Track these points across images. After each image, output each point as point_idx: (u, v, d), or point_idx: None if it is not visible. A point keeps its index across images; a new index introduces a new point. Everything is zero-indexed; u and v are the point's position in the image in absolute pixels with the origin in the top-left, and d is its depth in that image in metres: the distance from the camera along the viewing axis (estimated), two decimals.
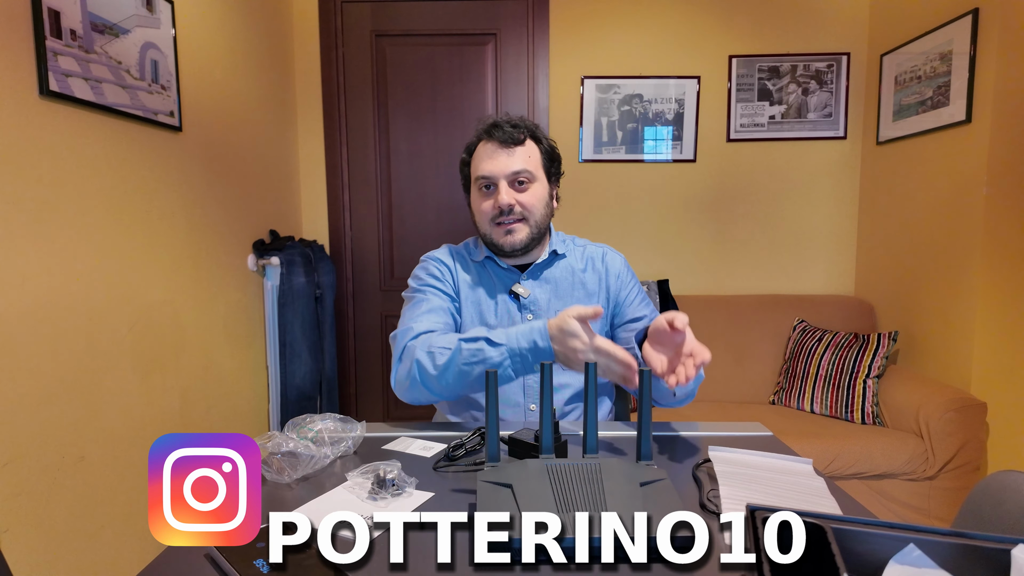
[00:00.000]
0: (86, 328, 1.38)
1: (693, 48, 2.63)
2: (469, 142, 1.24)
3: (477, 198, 1.20)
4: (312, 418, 0.95)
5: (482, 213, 1.19)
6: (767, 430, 1.08)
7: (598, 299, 1.23)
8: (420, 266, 1.27)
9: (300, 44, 2.65)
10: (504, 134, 1.16)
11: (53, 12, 1.27)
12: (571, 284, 1.23)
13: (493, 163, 1.16)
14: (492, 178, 1.17)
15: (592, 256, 1.28)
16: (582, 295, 1.23)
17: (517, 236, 1.17)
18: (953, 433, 1.90)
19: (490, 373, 0.78)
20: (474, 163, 1.20)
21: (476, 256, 1.26)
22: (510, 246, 1.18)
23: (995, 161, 1.92)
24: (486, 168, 1.17)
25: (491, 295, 1.22)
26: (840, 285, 2.71)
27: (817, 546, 0.54)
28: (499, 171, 1.16)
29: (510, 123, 1.18)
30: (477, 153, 1.20)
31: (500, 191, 1.16)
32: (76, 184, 1.36)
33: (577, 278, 1.24)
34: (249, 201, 2.18)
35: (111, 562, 1.45)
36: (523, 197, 1.17)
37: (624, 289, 1.25)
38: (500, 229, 1.17)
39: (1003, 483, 0.79)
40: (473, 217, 1.23)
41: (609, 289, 1.25)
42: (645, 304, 1.26)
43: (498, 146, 1.17)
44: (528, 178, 1.18)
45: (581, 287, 1.23)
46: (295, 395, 2.29)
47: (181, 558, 0.66)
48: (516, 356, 1.01)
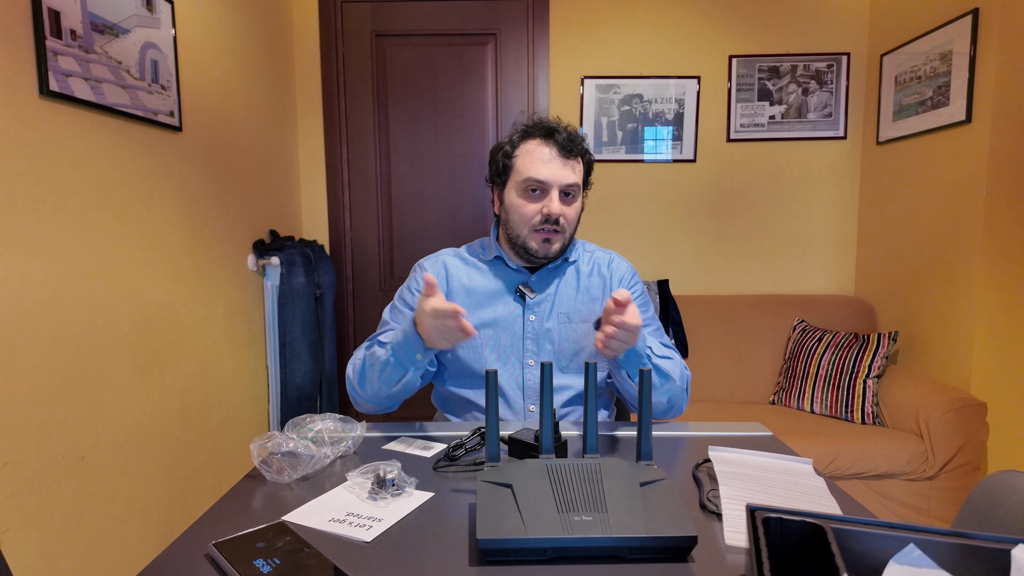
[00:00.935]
0: (86, 328, 1.38)
1: (693, 48, 2.63)
2: (510, 137, 1.20)
3: (520, 199, 1.16)
4: (312, 418, 0.95)
5: (524, 216, 1.16)
6: (767, 430, 1.08)
7: (601, 304, 1.23)
8: (410, 276, 1.28)
9: (300, 44, 2.65)
10: (564, 141, 1.14)
11: (53, 12, 1.27)
12: (576, 288, 1.24)
13: (550, 169, 1.13)
14: (547, 185, 1.14)
15: (599, 262, 1.27)
16: (586, 299, 1.23)
17: (553, 246, 1.17)
18: (953, 433, 1.90)
19: (489, 373, 0.78)
20: (523, 161, 1.16)
21: (485, 255, 1.26)
22: (545, 253, 1.17)
23: (995, 161, 1.92)
24: (543, 173, 1.13)
25: (496, 295, 1.22)
26: (840, 285, 2.71)
27: (817, 546, 0.54)
28: (556, 180, 1.13)
29: (567, 132, 1.16)
30: (530, 152, 1.15)
31: (552, 199, 1.13)
32: (76, 184, 1.36)
33: (583, 283, 1.24)
34: (249, 201, 2.18)
35: (111, 562, 1.45)
36: (568, 211, 1.16)
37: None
38: (539, 236, 1.16)
39: (1003, 483, 0.79)
40: (504, 215, 1.20)
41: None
42: (643, 309, 1.25)
43: (558, 153, 1.14)
44: (575, 193, 1.17)
45: (586, 292, 1.23)
46: (295, 395, 2.29)
47: (181, 558, 0.66)
48: (397, 348, 1.04)
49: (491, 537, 0.64)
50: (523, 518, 0.66)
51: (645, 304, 1.26)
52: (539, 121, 1.19)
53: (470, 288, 1.23)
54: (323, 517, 0.74)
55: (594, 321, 1.18)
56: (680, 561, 0.65)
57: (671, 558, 0.65)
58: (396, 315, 1.22)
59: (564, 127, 1.17)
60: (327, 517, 0.74)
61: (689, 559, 0.65)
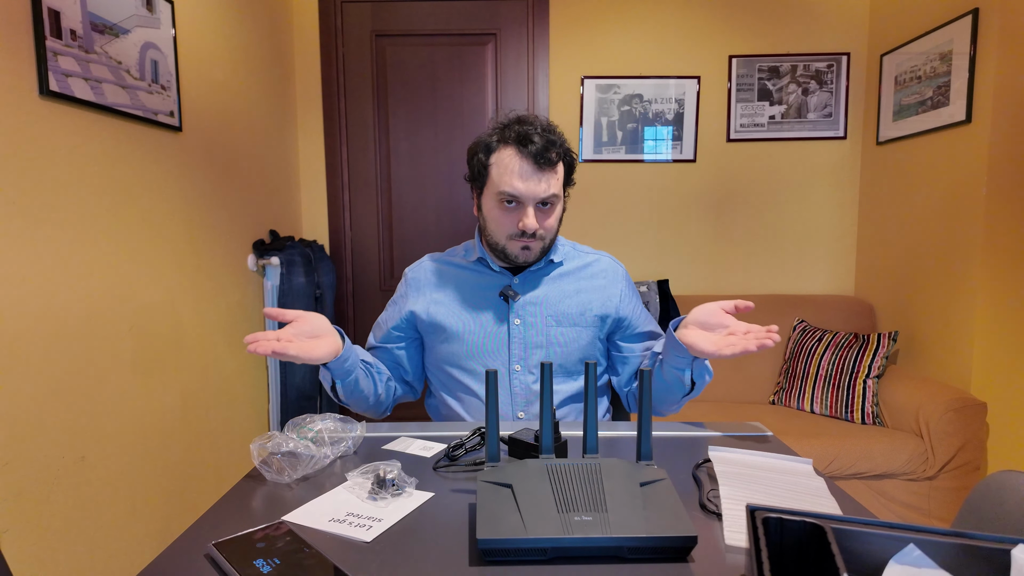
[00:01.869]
0: (86, 328, 1.38)
1: (693, 48, 2.63)
2: (486, 138, 1.15)
3: (496, 209, 1.14)
4: (312, 418, 0.95)
5: (501, 226, 1.14)
6: (767, 430, 1.08)
7: (591, 306, 1.20)
8: (400, 283, 1.31)
9: (300, 44, 2.65)
10: (538, 152, 1.08)
11: (53, 12, 1.27)
12: (565, 291, 1.21)
13: (524, 184, 1.09)
14: (521, 199, 1.11)
15: (590, 264, 1.25)
16: (576, 302, 1.20)
17: (532, 253, 1.16)
18: (953, 433, 1.90)
19: (489, 373, 0.78)
20: (497, 173, 1.12)
21: (469, 256, 1.25)
22: (524, 259, 1.17)
23: (995, 161, 1.92)
24: (516, 187, 1.10)
25: (480, 298, 1.20)
26: (840, 285, 2.71)
27: (817, 546, 0.54)
28: (529, 195, 1.10)
29: (542, 135, 1.10)
30: (503, 162, 1.11)
31: (527, 215, 1.11)
32: (76, 184, 1.36)
33: (572, 285, 1.22)
34: (249, 201, 2.18)
35: (111, 562, 1.45)
36: (546, 221, 1.14)
37: (615, 298, 1.22)
38: (517, 244, 1.15)
39: (1003, 483, 0.79)
40: (482, 220, 1.19)
41: (605, 298, 1.22)
42: (643, 313, 1.25)
43: (531, 166, 1.09)
44: (553, 203, 1.14)
45: (576, 295, 1.21)
46: (295, 395, 2.29)
47: (181, 558, 0.66)
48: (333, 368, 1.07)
49: (491, 537, 0.64)
50: (523, 518, 0.66)
51: (637, 304, 1.26)
52: (515, 121, 1.13)
53: (453, 292, 1.22)
54: (323, 517, 0.74)
55: (672, 323, 1.10)
56: (680, 561, 0.65)
57: (671, 558, 0.65)
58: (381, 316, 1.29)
59: (540, 130, 1.11)
60: (327, 517, 0.74)
61: (689, 559, 0.65)
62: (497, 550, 0.64)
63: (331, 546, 0.67)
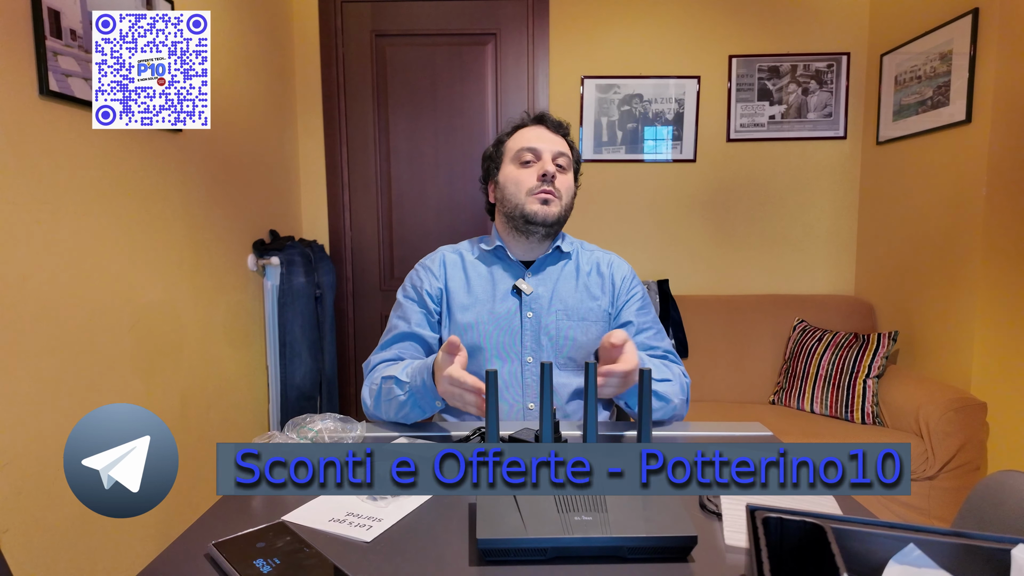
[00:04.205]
0: (86, 328, 1.38)
1: (693, 48, 2.63)
2: (500, 135, 1.30)
3: (515, 171, 1.22)
4: (312, 418, 0.95)
5: (520, 183, 1.20)
6: (767, 430, 1.08)
7: (600, 303, 1.23)
8: (410, 273, 1.29)
9: (300, 44, 2.65)
10: (551, 123, 1.26)
11: (53, 12, 1.27)
12: (575, 286, 1.24)
13: (541, 140, 1.22)
14: (539, 151, 1.21)
15: (599, 261, 1.28)
16: (585, 297, 1.23)
17: (552, 208, 1.19)
18: (953, 433, 1.90)
19: (489, 373, 0.78)
20: (515, 140, 1.24)
21: (487, 245, 1.27)
22: (544, 217, 1.18)
23: (995, 161, 1.92)
24: (534, 142, 1.21)
25: (494, 292, 1.23)
26: (840, 285, 2.71)
27: (817, 546, 0.54)
28: (547, 147, 1.21)
29: (552, 118, 1.27)
30: (520, 133, 1.25)
31: (546, 161, 1.20)
32: (76, 184, 1.36)
33: (582, 280, 1.25)
34: (249, 201, 2.18)
35: (111, 562, 1.45)
36: (562, 177, 1.22)
37: (624, 295, 1.26)
38: (537, 199, 1.18)
39: (1003, 483, 0.79)
40: (500, 194, 1.24)
41: (613, 295, 1.26)
42: (643, 312, 1.25)
43: (547, 129, 1.24)
44: (566, 165, 1.23)
45: (585, 290, 1.24)
46: (295, 395, 2.29)
47: (181, 558, 0.66)
48: (416, 394, 1.03)
49: (491, 537, 0.64)
50: (523, 518, 0.66)
51: (646, 307, 1.26)
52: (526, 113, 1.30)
53: (467, 285, 1.24)
54: (323, 517, 0.74)
55: (593, 352, 1.16)
56: (680, 561, 0.65)
57: (671, 558, 0.65)
58: (400, 312, 1.24)
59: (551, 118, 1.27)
60: (327, 517, 0.74)
61: (689, 559, 0.65)
62: (497, 550, 0.64)
63: (331, 546, 0.67)
